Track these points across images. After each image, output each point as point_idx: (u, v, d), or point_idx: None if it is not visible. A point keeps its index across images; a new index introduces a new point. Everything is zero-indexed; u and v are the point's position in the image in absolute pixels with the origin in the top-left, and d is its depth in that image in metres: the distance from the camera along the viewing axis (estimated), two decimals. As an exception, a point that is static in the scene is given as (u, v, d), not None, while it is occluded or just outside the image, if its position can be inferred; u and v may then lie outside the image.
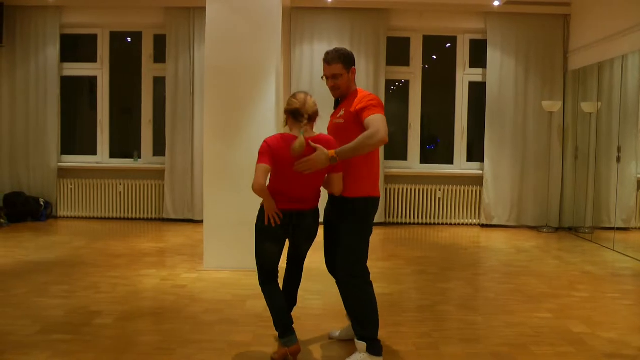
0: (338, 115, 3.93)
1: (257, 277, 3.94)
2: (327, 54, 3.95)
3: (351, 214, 3.83)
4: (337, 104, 4.04)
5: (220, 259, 6.33)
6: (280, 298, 3.91)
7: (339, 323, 4.69)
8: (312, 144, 3.62)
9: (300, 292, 4.24)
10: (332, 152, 3.57)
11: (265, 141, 3.74)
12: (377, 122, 3.61)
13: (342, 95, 3.98)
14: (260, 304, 5.04)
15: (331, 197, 3.98)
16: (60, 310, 4.90)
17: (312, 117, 3.79)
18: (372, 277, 3.91)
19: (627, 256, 7.44)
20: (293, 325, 3.88)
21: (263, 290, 3.94)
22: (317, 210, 3.93)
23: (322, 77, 4.01)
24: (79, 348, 4.08)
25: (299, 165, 3.56)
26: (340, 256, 3.85)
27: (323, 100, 4.54)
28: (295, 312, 4.41)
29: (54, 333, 4.36)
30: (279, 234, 3.81)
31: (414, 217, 9.74)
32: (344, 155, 3.58)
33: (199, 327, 4.57)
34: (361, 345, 3.81)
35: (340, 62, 3.90)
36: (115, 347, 4.14)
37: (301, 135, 3.63)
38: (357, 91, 3.95)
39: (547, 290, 5.82)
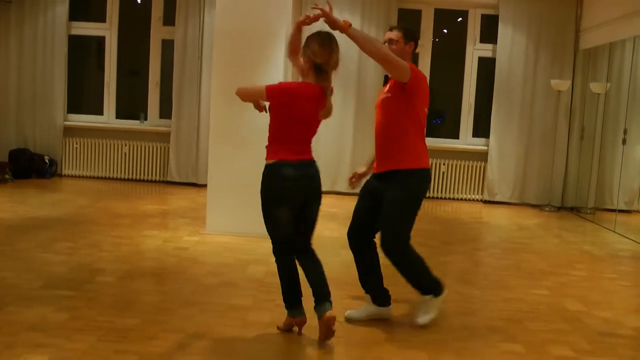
0: (385, 90, 4.03)
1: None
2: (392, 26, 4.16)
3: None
4: (386, 81, 4.11)
5: (222, 223, 6.36)
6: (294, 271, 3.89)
7: (341, 291, 4.71)
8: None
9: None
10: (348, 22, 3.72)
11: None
12: (395, 56, 3.81)
13: None
14: (261, 269, 5.09)
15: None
16: (63, 267, 4.96)
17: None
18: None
19: (628, 238, 7.47)
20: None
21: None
22: None
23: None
24: (81, 304, 4.14)
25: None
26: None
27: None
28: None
29: (57, 288, 4.42)
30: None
31: (416, 191, 9.74)
32: (354, 32, 3.72)
33: (200, 289, 4.63)
34: (426, 297, 4.13)
35: (400, 31, 4.01)
36: (117, 304, 4.21)
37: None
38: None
39: (545, 268, 5.86)
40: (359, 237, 4.15)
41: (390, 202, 3.93)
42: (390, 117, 3.98)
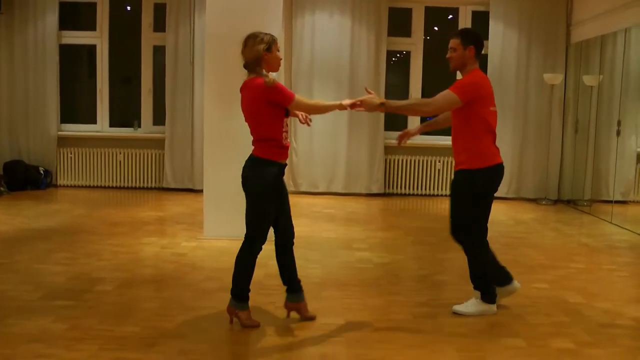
0: None
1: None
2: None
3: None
4: None
5: (219, 228, 6.35)
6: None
7: (340, 292, 4.74)
8: (367, 89, 4.16)
9: (299, 261, 4.26)
10: (382, 99, 4.08)
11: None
12: (439, 96, 4.22)
13: (456, 69, 4.39)
14: (260, 272, 5.05)
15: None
16: (62, 277, 4.95)
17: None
18: (371, 247, 4.00)
19: (625, 229, 7.48)
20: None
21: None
22: None
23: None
24: (81, 313, 4.14)
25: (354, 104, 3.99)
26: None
27: (322, 70, 4.56)
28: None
29: (56, 299, 4.42)
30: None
31: (413, 188, 9.75)
32: (390, 107, 4.20)
33: (199, 295, 4.63)
34: (476, 293, 4.43)
35: (458, 37, 4.28)
36: (117, 312, 4.20)
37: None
38: (470, 73, 4.35)
39: (544, 262, 5.87)
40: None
41: (454, 197, 4.43)
42: (455, 123, 4.39)
